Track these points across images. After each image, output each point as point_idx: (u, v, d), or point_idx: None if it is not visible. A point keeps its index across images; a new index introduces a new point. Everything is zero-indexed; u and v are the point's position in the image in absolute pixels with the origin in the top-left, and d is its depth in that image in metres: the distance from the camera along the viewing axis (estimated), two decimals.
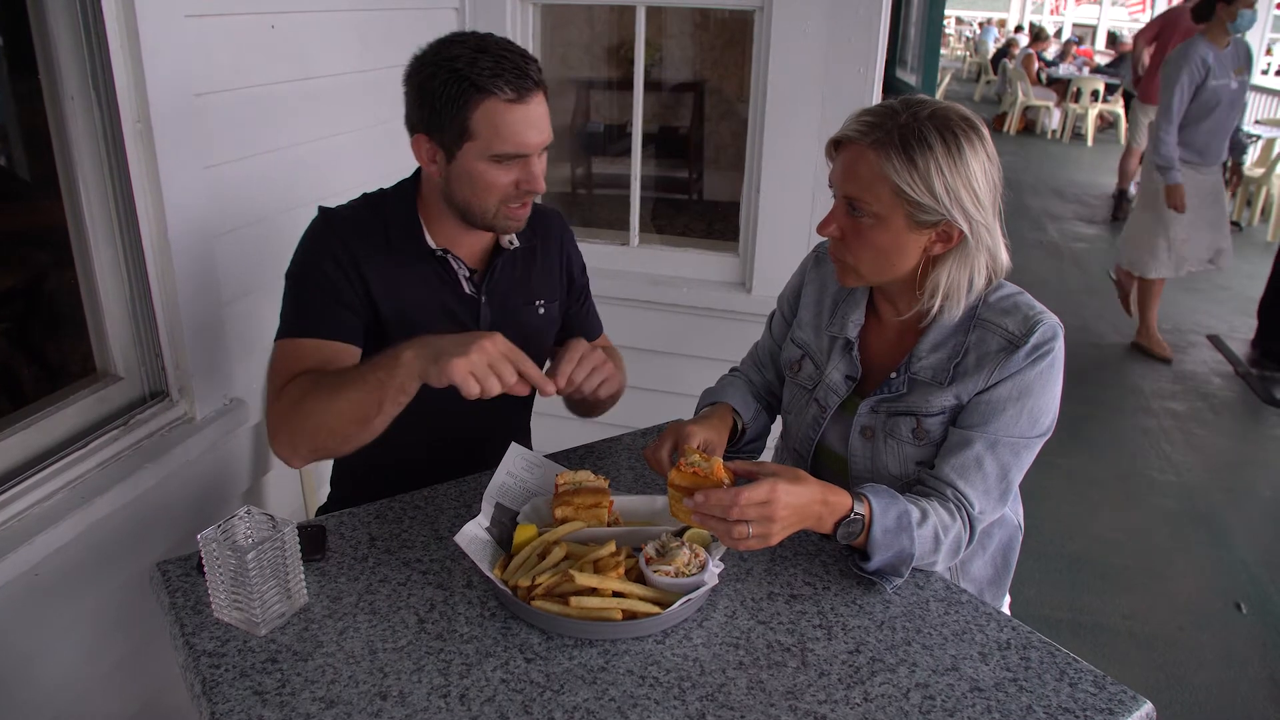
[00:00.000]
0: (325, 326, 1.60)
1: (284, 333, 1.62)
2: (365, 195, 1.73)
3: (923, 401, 1.51)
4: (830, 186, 1.49)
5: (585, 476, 1.44)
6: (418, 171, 1.70)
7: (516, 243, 1.75)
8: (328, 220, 1.66)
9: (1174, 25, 7.14)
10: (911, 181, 1.36)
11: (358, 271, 1.61)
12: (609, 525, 1.44)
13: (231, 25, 1.99)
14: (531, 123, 1.54)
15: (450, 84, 1.50)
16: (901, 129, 1.37)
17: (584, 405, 1.85)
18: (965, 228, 1.41)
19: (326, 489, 1.96)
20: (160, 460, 1.87)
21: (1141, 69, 7.52)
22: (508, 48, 1.53)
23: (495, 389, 1.34)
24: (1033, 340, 1.45)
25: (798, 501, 1.29)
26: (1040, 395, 1.46)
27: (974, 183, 1.39)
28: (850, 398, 1.61)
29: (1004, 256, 1.50)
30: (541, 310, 1.84)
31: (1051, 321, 1.47)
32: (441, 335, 1.39)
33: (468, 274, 1.71)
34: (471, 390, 1.33)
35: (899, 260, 1.46)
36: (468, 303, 1.72)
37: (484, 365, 1.33)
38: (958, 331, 1.51)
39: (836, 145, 1.47)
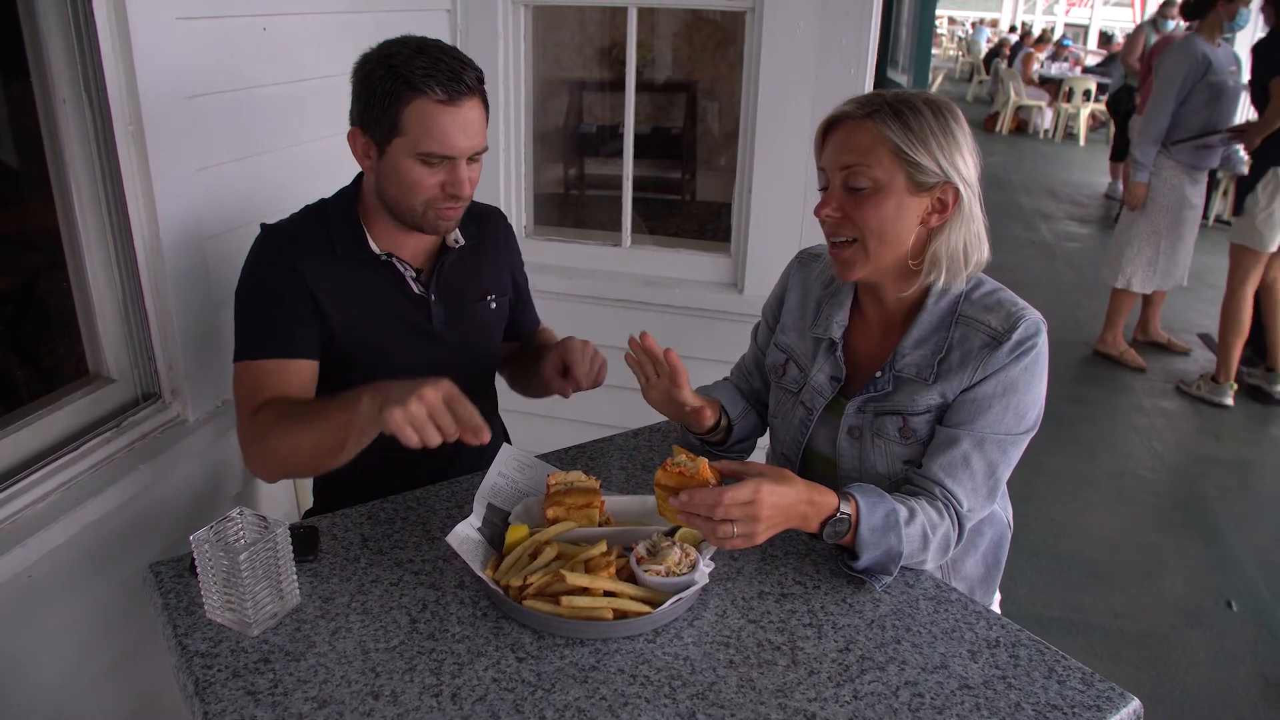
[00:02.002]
0: (280, 346, 1.63)
1: (241, 354, 1.64)
2: (307, 206, 1.76)
3: (908, 400, 1.52)
4: (821, 174, 1.52)
5: (576, 477, 1.45)
6: (358, 177, 1.74)
7: (463, 240, 1.78)
8: (269, 236, 1.69)
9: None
10: (909, 141, 1.41)
11: (303, 283, 1.64)
12: (600, 525, 1.45)
13: (223, 28, 1.99)
14: (460, 126, 1.57)
15: (385, 79, 1.55)
16: (892, 103, 1.44)
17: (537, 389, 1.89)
18: (961, 189, 1.45)
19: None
20: (153, 462, 1.87)
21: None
22: (449, 53, 1.57)
23: (434, 440, 1.32)
24: (1015, 336, 1.46)
25: (782, 501, 1.30)
26: (1025, 391, 1.47)
27: (963, 151, 1.46)
28: (836, 399, 1.62)
29: (986, 246, 1.53)
30: (493, 305, 1.87)
31: (1034, 317, 1.48)
32: (398, 382, 1.38)
33: (414, 274, 1.73)
34: (409, 440, 1.32)
35: (901, 230, 1.47)
36: (417, 303, 1.74)
37: (421, 415, 1.31)
38: (940, 327, 1.52)
39: (828, 129, 1.50)
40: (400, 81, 1.54)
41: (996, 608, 1.76)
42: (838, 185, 1.47)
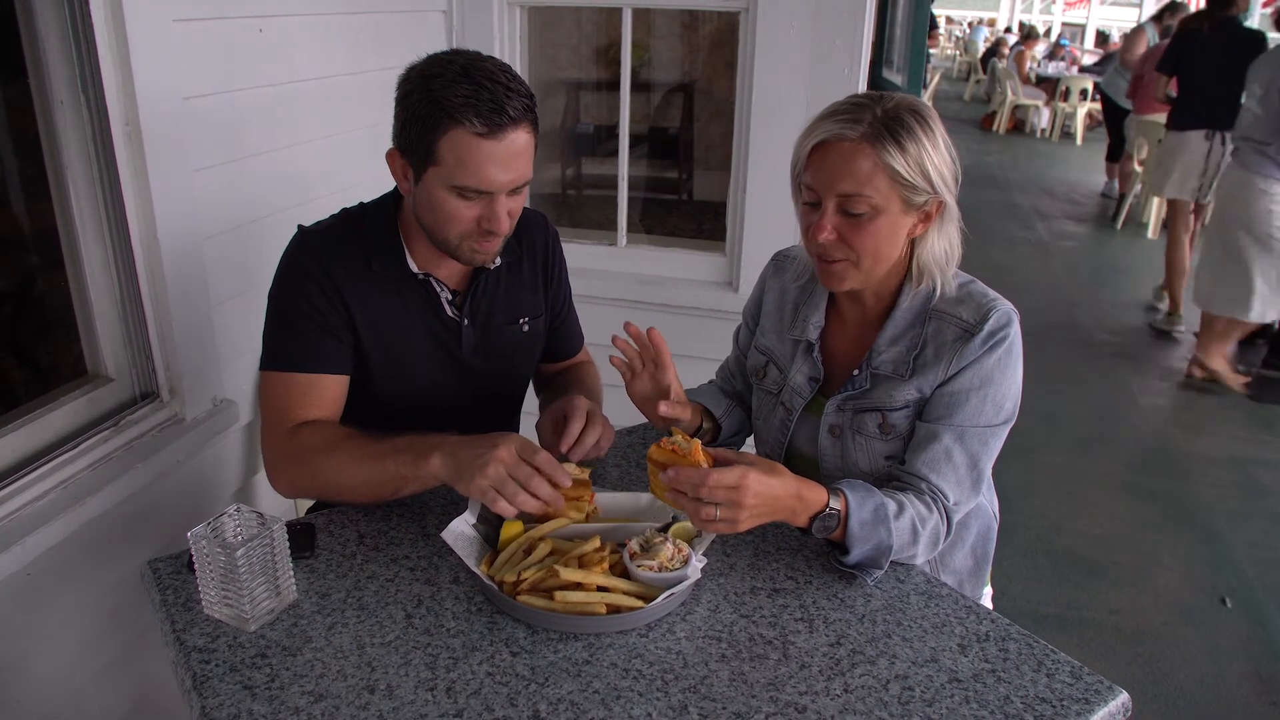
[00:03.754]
0: (314, 360, 1.58)
1: (273, 364, 1.59)
2: (345, 211, 1.69)
3: (886, 396, 1.54)
4: (808, 191, 1.48)
5: (569, 469, 1.45)
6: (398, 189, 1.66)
7: (499, 261, 1.71)
8: (306, 241, 1.63)
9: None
10: (907, 166, 1.40)
11: (339, 295, 1.58)
12: (588, 515, 1.45)
13: (219, 29, 2.00)
14: (499, 160, 1.46)
15: (423, 104, 1.45)
16: (883, 119, 1.41)
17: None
18: (948, 200, 1.46)
19: None
20: (151, 460, 1.88)
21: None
22: (494, 77, 1.45)
23: (531, 505, 1.34)
24: (987, 328, 1.47)
25: (769, 492, 1.31)
26: (1001, 382, 1.49)
27: (947, 158, 1.45)
28: (816, 399, 1.63)
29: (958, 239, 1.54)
30: (526, 328, 1.80)
31: (1005, 308, 1.50)
32: (462, 442, 1.39)
33: (449, 296, 1.68)
34: (504, 511, 1.34)
35: (894, 247, 1.48)
36: (449, 326, 1.69)
37: (502, 477, 1.32)
38: (915, 323, 1.54)
39: (814, 150, 1.46)
40: (437, 109, 1.43)
41: (987, 601, 1.78)
42: (833, 209, 1.45)
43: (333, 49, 2.40)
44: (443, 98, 1.43)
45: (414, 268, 1.65)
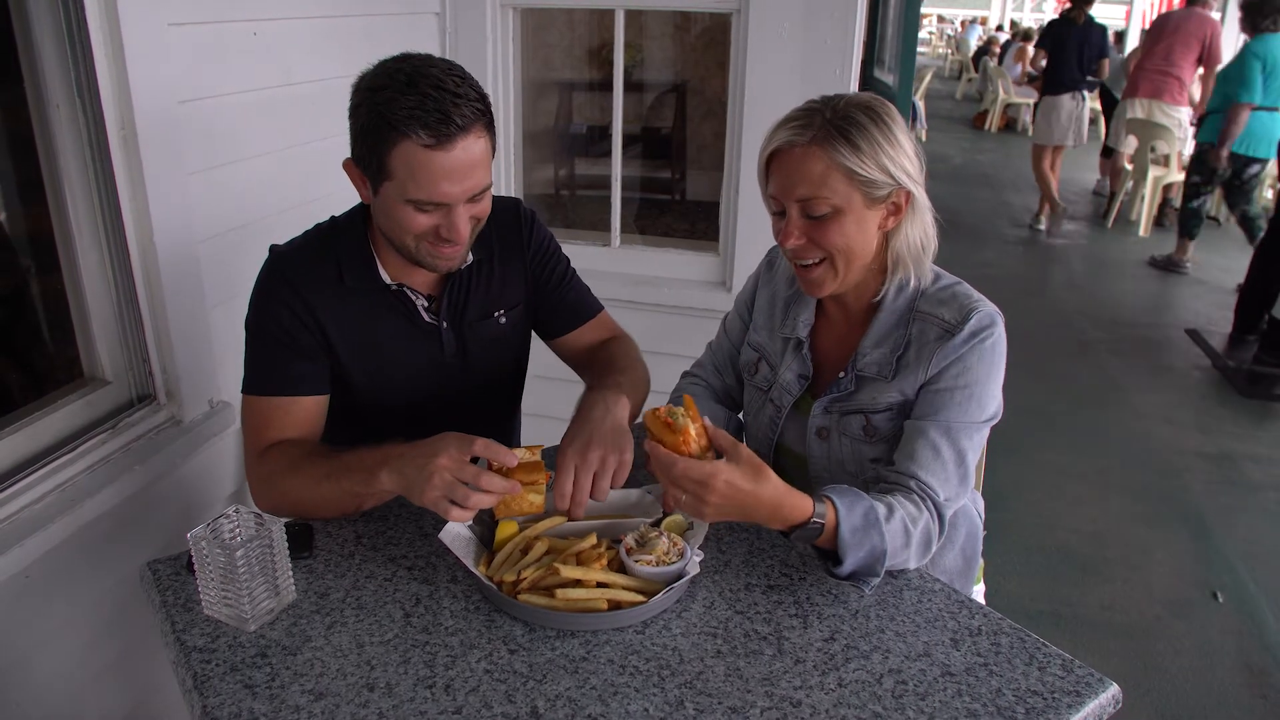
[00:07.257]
0: (289, 383, 1.59)
1: (250, 388, 1.60)
2: (318, 226, 1.68)
3: (869, 399, 1.55)
4: (773, 200, 1.51)
5: (517, 452, 1.39)
6: None
7: (471, 257, 1.70)
8: (276, 264, 1.61)
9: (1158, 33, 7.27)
10: (860, 162, 1.41)
11: (313, 317, 1.58)
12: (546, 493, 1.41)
13: (214, 33, 2.01)
14: (451, 171, 1.42)
15: (371, 118, 1.42)
16: (832, 120, 1.43)
17: None
18: (914, 190, 1.47)
19: None
20: (148, 463, 1.89)
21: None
22: (440, 84, 1.40)
23: (483, 501, 1.32)
24: (969, 327, 1.48)
25: (737, 495, 1.28)
26: (984, 381, 1.49)
27: (907, 150, 1.46)
28: (804, 398, 1.64)
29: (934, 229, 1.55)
30: (502, 320, 1.79)
31: (988, 309, 1.51)
32: (404, 455, 1.37)
33: (425, 303, 1.68)
34: (457, 517, 1.33)
35: (865, 242, 1.49)
36: (428, 331, 1.69)
37: (449, 483, 1.31)
38: (899, 325, 1.55)
39: (771, 159, 1.49)
40: (384, 123, 1.40)
41: (979, 599, 1.79)
42: (796, 214, 1.47)
43: (326, 52, 2.41)
44: (388, 111, 1.39)
45: (386, 279, 1.64)
